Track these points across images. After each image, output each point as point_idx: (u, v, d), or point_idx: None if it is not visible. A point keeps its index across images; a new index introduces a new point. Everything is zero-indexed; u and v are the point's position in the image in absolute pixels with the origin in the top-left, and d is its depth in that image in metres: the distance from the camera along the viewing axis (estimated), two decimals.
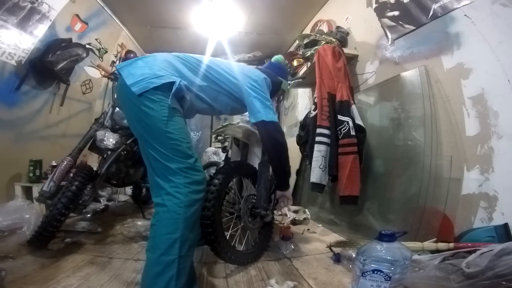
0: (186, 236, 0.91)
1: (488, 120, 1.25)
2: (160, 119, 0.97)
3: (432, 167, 1.43)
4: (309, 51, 2.26)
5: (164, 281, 0.86)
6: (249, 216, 1.45)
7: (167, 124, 0.97)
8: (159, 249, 0.89)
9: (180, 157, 0.96)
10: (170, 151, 0.95)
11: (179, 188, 0.93)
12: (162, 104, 0.98)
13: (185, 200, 0.92)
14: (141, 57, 1.11)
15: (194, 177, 0.96)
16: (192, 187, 0.94)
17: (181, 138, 0.98)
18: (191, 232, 0.94)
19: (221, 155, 3.80)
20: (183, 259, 0.89)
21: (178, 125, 1.00)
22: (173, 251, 0.88)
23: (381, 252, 0.90)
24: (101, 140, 1.77)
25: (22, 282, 1.09)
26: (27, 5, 2.07)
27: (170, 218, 0.91)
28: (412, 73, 1.62)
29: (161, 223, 0.92)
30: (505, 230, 1.10)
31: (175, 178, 0.94)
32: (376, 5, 1.99)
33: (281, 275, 1.27)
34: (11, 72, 2.07)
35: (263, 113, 1.19)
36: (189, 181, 0.94)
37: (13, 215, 1.69)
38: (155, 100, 0.97)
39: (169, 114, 0.98)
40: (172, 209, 0.91)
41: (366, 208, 1.81)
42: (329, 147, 1.80)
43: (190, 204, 0.93)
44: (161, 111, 0.97)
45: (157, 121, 0.97)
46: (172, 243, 0.88)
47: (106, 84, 3.32)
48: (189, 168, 0.96)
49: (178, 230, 0.90)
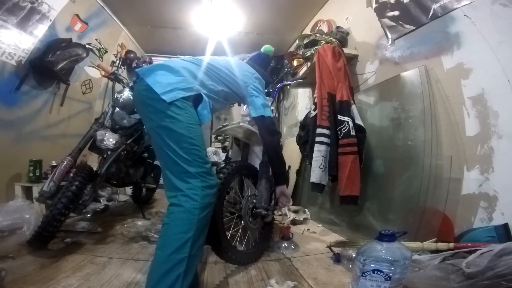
0: (198, 237, 0.95)
1: (488, 120, 1.25)
2: (185, 125, 1.04)
3: (432, 167, 1.43)
4: (309, 51, 2.26)
5: (171, 279, 0.88)
6: (250, 216, 1.45)
7: (190, 131, 1.04)
8: (171, 247, 0.91)
9: (200, 162, 1.02)
10: (191, 156, 1.02)
11: (196, 191, 0.98)
12: (187, 112, 1.07)
13: (201, 202, 0.97)
14: (161, 65, 1.18)
15: (210, 181, 1.02)
16: (207, 190, 1.00)
17: (201, 144, 1.06)
18: (202, 233, 0.98)
19: (221, 155, 3.80)
20: (192, 258, 0.93)
21: (198, 132, 1.08)
22: (184, 250, 0.91)
23: (381, 252, 0.89)
24: (101, 140, 1.77)
25: (22, 282, 1.09)
26: (27, 5, 2.07)
27: (185, 218, 0.95)
28: (412, 73, 1.62)
29: (176, 223, 0.95)
30: (505, 230, 1.10)
31: (193, 181, 0.99)
32: (376, 5, 1.99)
33: (281, 275, 1.27)
34: (11, 72, 2.07)
35: (263, 110, 1.38)
36: (206, 185, 1.00)
37: (13, 215, 1.69)
38: (181, 108, 1.06)
39: (193, 121, 1.08)
40: (188, 210, 0.96)
41: (366, 208, 1.81)
42: (329, 147, 1.80)
43: (205, 206, 0.99)
44: (186, 118, 1.06)
45: (182, 127, 1.04)
46: (185, 242, 0.92)
47: (106, 84, 3.32)
48: (206, 172, 1.03)
49: (191, 230, 0.94)
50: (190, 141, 1.03)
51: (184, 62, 1.22)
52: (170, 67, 1.15)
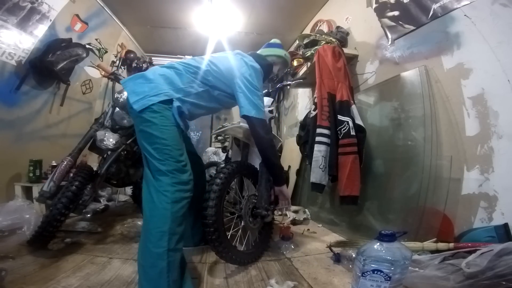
0: (174, 230, 1.01)
1: (488, 120, 1.25)
2: (159, 128, 1.10)
3: (432, 167, 1.43)
4: (309, 51, 2.26)
5: (155, 273, 0.95)
6: (250, 216, 1.45)
7: (163, 132, 1.10)
8: (150, 242, 0.99)
9: (171, 160, 1.08)
10: (163, 155, 1.08)
11: (166, 187, 1.04)
12: (163, 115, 1.12)
13: (172, 197, 1.03)
14: (141, 74, 1.23)
15: (181, 177, 1.08)
16: (178, 186, 1.06)
17: (173, 144, 1.11)
18: (178, 226, 1.04)
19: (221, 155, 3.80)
20: (172, 252, 0.99)
21: (172, 133, 1.13)
22: (162, 244, 0.98)
23: (381, 252, 0.89)
24: (101, 140, 1.77)
25: (22, 282, 1.09)
26: (27, 5, 2.07)
27: (159, 214, 1.02)
28: (412, 73, 1.62)
29: (152, 219, 1.03)
30: (505, 230, 1.10)
31: (164, 178, 1.06)
32: (376, 5, 1.99)
33: (281, 275, 1.27)
34: (11, 72, 2.07)
35: (246, 108, 1.26)
36: (176, 181, 1.06)
37: (13, 215, 1.69)
38: (157, 111, 1.11)
39: (168, 123, 1.12)
40: (160, 205, 1.02)
41: (366, 208, 1.81)
42: (329, 147, 1.80)
43: (176, 200, 1.04)
44: (161, 120, 1.11)
45: (156, 129, 1.10)
46: (161, 236, 0.98)
47: (106, 84, 3.32)
48: (177, 170, 1.08)
49: (166, 224, 1.00)
50: (162, 141, 1.09)
51: (163, 69, 1.24)
52: (146, 76, 1.20)
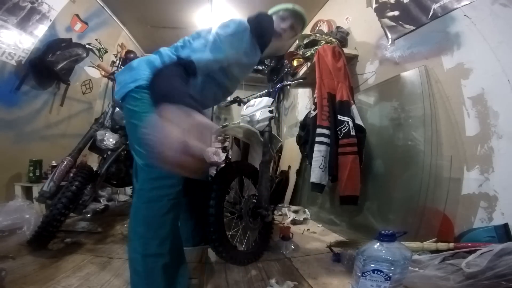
0: (150, 234, 0.87)
1: (488, 120, 1.25)
2: (140, 115, 0.93)
3: (432, 167, 1.43)
4: (309, 51, 2.26)
5: (135, 278, 0.87)
6: (250, 216, 1.45)
7: (142, 118, 0.92)
8: (129, 245, 0.91)
9: (149, 151, 0.86)
10: (143, 147, 0.91)
11: (142, 184, 0.92)
12: (144, 100, 0.94)
13: (147, 196, 0.89)
14: (129, 64, 1.09)
15: (159, 172, 0.88)
16: (155, 182, 0.90)
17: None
18: (158, 229, 0.88)
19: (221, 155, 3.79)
20: (151, 258, 0.86)
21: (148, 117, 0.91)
22: (137, 249, 0.87)
23: (381, 252, 0.89)
24: (101, 140, 1.77)
25: (22, 282, 1.09)
26: (27, 5, 2.07)
27: (133, 215, 0.92)
28: (412, 73, 1.62)
29: (130, 220, 0.93)
30: (505, 230, 1.10)
31: (142, 174, 0.92)
32: (376, 5, 1.99)
33: (281, 275, 1.27)
34: (11, 72, 2.07)
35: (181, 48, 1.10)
36: (153, 176, 0.90)
37: (13, 215, 1.69)
38: (138, 98, 0.95)
39: (147, 109, 0.93)
40: (135, 205, 0.91)
41: (366, 208, 1.81)
42: (329, 147, 1.80)
43: (152, 200, 0.89)
44: (142, 107, 0.94)
45: (137, 117, 0.94)
46: (136, 240, 0.89)
47: (106, 84, 3.32)
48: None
49: (139, 226, 0.89)
50: (142, 130, 0.90)
51: (148, 56, 1.08)
52: (131, 65, 1.05)
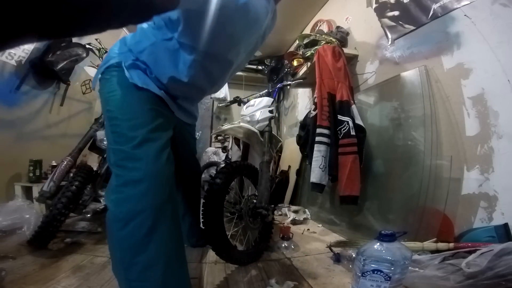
0: (130, 260, 0.66)
1: (488, 120, 1.25)
2: (105, 96, 0.76)
3: (432, 167, 1.43)
4: (309, 51, 2.26)
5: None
6: (250, 216, 1.45)
7: (109, 101, 0.74)
8: (112, 265, 0.73)
9: (118, 142, 0.69)
10: (111, 136, 0.72)
11: (109, 195, 0.68)
12: (112, 79, 0.76)
13: (115, 212, 0.66)
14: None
15: (130, 174, 0.65)
16: (125, 191, 0.65)
17: (121, 115, 0.70)
18: (140, 254, 0.66)
19: (221, 155, 3.79)
20: (137, 283, 0.67)
21: (125, 100, 0.72)
22: (120, 271, 0.70)
23: (381, 252, 0.89)
24: (101, 140, 1.77)
25: (22, 282, 1.09)
26: None
27: (108, 237, 0.71)
28: (412, 73, 1.62)
29: (107, 239, 0.73)
30: (505, 230, 1.10)
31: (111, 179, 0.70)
32: (376, 5, 1.99)
33: (281, 275, 1.26)
34: (11, 72, 2.07)
35: None
36: (121, 182, 0.66)
37: (13, 215, 1.69)
38: (107, 78, 0.78)
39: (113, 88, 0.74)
40: (107, 226, 0.69)
41: (366, 208, 1.81)
42: (329, 147, 1.80)
43: (124, 217, 0.65)
44: (109, 87, 0.76)
45: (104, 100, 0.77)
46: (116, 264, 0.71)
47: None
48: (124, 158, 0.66)
49: (116, 253, 0.69)
50: (107, 115, 0.73)
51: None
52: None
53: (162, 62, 0.77)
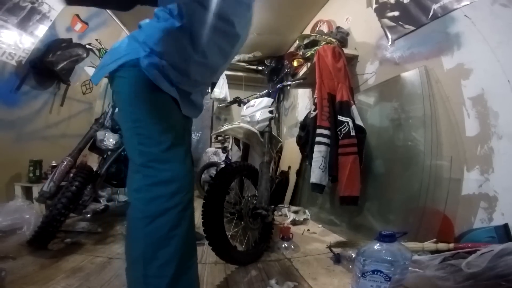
0: (152, 255, 0.69)
1: (488, 121, 1.25)
2: (126, 98, 0.77)
3: (432, 167, 1.43)
4: (309, 52, 2.26)
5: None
6: (250, 217, 1.45)
7: (133, 102, 0.75)
8: (127, 261, 0.75)
9: (145, 144, 0.73)
10: (135, 137, 0.74)
11: (138, 193, 0.72)
12: (131, 81, 0.76)
13: (144, 210, 0.70)
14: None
15: (161, 174, 0.71)
16: (155, 190, 0.70)
17: (147, 118, 0.74)
18: (162, 249, 0.70)
19: (221, 155, 3.80)
20: (154, 279, 0.70)
21: (150, 103, 0.75)
22: (138, 268, 0.72)
23: (381, 252, 0.90)
24: (101, 140, 1.77)
25: (22, 282, 1.09)
26: (28, 5, 2.07)
27: (130, 233, 0.75)
28: (412, 74, 1.62)
29: (127, 236, 0.77)
30: (505, 231, 1.10)
31: (137, 178, 0.74)
32: (376, 5, 2.00)
33: (281, 276, 1.26)
34: (11, 72, 2.07)
35: None
36: (152, 182, 0.71)
37: (13, 215, 1.69)
38: (124, 77, 0.77)
39: (137, 89, 0.75)
40: (131, 222, 0.73)
41: (366, 209, 1.81)
42: (329, 147, 1.80)
43: (152, 214, 0.70)
44: (129, 88, 0.76)
45: (124, 101, 0.78)
46: (135, 260, 0.73)
47: (106, 85, 3.31)
48: (153, 160, 0.72)
49: (139, 248, 0.71)
50: (130, 116, 0.75)
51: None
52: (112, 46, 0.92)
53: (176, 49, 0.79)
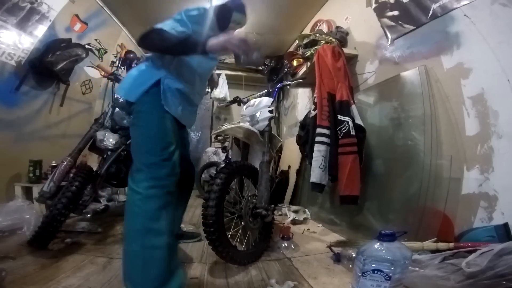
0: (148, 227, 0.95)
1: (488, 120, 1.25)
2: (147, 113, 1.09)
3: (432, 167, 1.43)
4: (309, 51, 2.26)
5: (131, 270, 0.94)
6: (250, 216, 1.45)
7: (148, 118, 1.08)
8: (126, 239, 0.98)
9: (149, 153, 1.04)
10: (145, 146, 1.06)
11: (141, 182, 1.00)
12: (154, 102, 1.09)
13: (145, 194, 0.98)
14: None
15: (156, 173, 1.02)
16: (153, 182, 1.00)
17: (156, 134, 1.07)
18: (154, 222, 0.96)
19: (221, 155, 3.80)
20: (148, 250, 0.93)
21: (161, 123, 1.08)
22: (137, 241, 0.94)
23: (381, 252, 0.90)
24: (101, 140, 1.77)
25: (22, 282, 1.09)
26: (27, 5, 2.07)
27: (130, 211, 0.99)
28: (412, 73, 1.62)
29: (126, 216, 1.00)
30: (505, 230, 1.10)
31: (138, 174, 1.02)
32: (375, 5, 2.00)
33: (281, 275, 1.27)
34: (11, 73, 2.06)
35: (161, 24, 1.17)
36: (150, 177, 1.00)
37: (13, 215, 1.69)
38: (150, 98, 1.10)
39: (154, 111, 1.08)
40: (132, 202, 0.99)
41: (366, 208, 1.81)
42: (329, 147, 1.80)
43: (151, 195, 0.99)
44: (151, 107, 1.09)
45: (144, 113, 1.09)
46: (134, 234, 0.96)
47: (106, 85, 3.31)
48: (153, 164, 1.02)
49: (137, 222, 0.96)
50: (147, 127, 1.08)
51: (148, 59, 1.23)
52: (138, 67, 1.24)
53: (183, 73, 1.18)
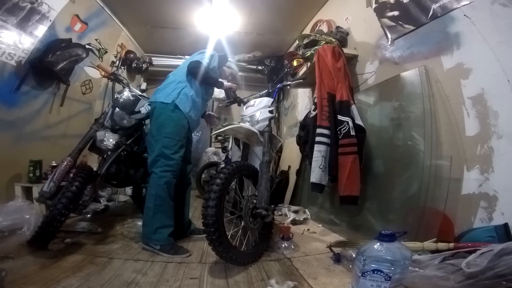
0: (158, 193, 1.56)
1: (488, 120, 1.25)
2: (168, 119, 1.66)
3: (432, 167, 1.43)
4: (309, 51, 2.26)
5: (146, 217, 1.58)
6: (250, 216, 1.45)
7: (168, 122, 1.65)
8: (145, 200, 1.61)
9: (165, 148, 1.61)
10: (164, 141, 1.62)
11: (156, 168, 1.59)
12: (176, 112, 1.67)
13: (159, 175, 1.58)
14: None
15: (167, 162, 1.60)
16: (165, 168, 1.59)
17: (174, 136, 1.64)
18: (162, 191, 1.57)
19: (221, 155, 3.80)
20: (157, 206, 1.55)
21: (179, 126, 1.67)
22: (151, 201, 1.57)
23: (381, 252, 0.90)
24: (101, 140, 1.77)
25: (22, 282, 1.09)
26: (27, 5, 2.07)
27: (150, 184, 1.61)
28: (412, 73, 1.62)
29: (149, 190, 1.61)
30: (505, 230, 1.10)
31: (155, 163, 1.61)
32: (376, 5, 1.99)
33: (281, 275, 1.27)
34: (11, 73, 2.06)
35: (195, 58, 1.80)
36: (163, 164, 1.59)
37: (13, 215, 1.69)
38: (175, 107, 1.68)
39: (173, 118, 1.65)
40: (152, 179, 1.60)
41: (366, 208, 1.81)
42: (329, 147, 1.80)
43: (161, 176, 1.58)
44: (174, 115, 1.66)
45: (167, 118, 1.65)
46: (150, 197, 1.58)
47: (106, 85, 3.32)
48: (166, 156, 1.60)
49: (153, 190, 1.58)
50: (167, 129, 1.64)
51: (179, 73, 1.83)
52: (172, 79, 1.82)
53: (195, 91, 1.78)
